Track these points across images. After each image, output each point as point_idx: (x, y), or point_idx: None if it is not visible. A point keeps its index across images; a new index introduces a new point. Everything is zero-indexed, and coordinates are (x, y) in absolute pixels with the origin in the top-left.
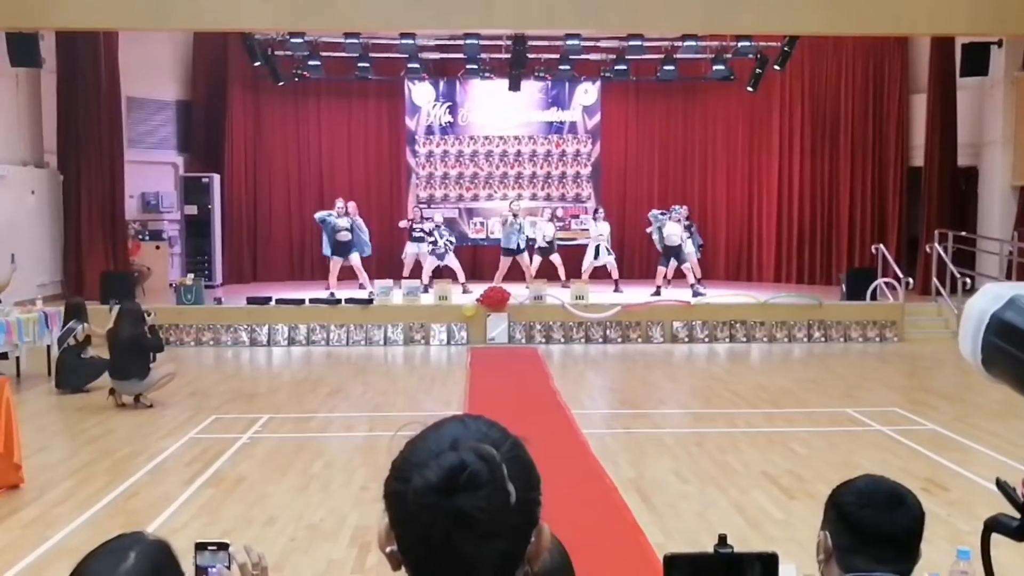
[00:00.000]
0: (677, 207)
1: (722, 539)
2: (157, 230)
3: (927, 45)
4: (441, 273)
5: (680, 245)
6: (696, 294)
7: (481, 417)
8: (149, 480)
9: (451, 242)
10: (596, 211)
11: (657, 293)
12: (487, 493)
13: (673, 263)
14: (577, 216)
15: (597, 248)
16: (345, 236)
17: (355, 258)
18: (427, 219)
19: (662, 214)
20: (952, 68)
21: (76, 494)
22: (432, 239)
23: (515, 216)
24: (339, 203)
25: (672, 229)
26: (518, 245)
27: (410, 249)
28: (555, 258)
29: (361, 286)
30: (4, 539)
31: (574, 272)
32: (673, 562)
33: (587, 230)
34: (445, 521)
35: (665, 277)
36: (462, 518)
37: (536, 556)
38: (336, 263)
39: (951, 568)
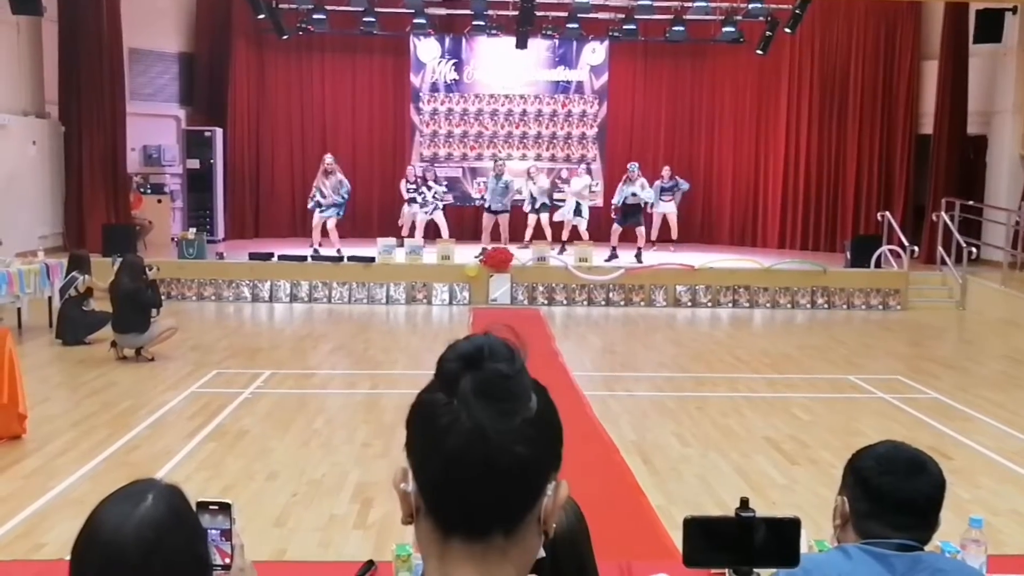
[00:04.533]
0: (634, 165)
1: (744, 503)
2: (159, 183)
3: (940, 10)
4: (427, 231)
5: (638, 204)
6: (638, 258)
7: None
8: (151, 433)
9: (439, 196)
10: (529, 170)
11: (638, 256)
12: (508, 367)
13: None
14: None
15: (578, 205)
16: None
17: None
18: (418, 177)
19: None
20: (965, 34)
21: (78, 446)
22: (421, 195)
23: (499, 176)
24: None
25: (632, 189)
26: (535, 204)
27: (406, 210)
28: (543, 218)
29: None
30: (6, 489)
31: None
32: (692, 525)
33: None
34: (468, 393)
35: (649, 239)
36: (485, 384)
37: (552, 512)
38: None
39: (963, 536)
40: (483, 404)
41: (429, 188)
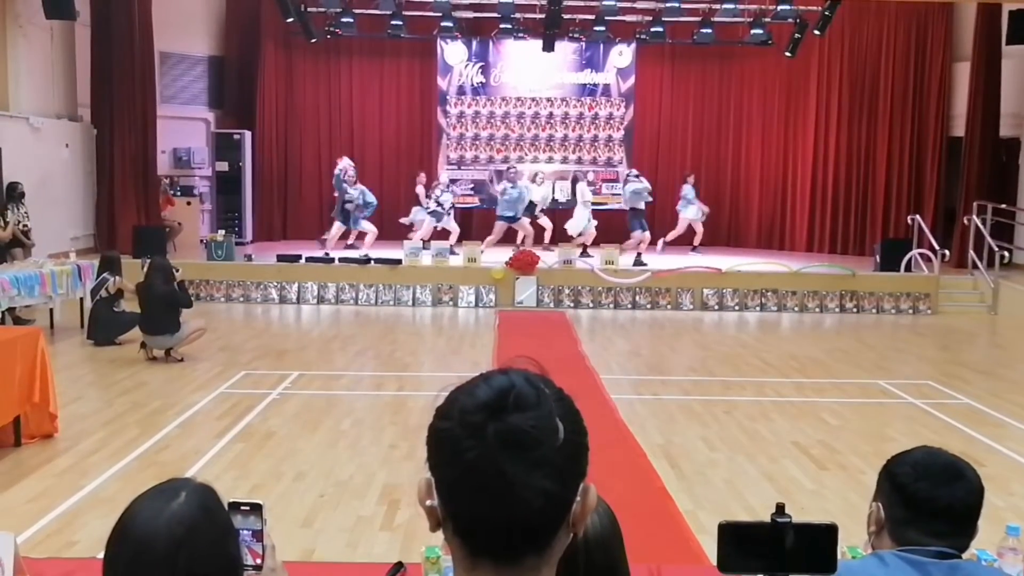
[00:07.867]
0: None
1: (780, 508)
2: (188, 186)
3: (972, 11)
4: (436, 233)
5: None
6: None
7: (524, 370)
8: (180, 433)
9: (449, 205)
10: (536, 175)
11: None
12: (536, 415)
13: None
14: (611, 181)
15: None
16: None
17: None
18: (428, 198)
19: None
20: (998, 36)
21: (108, 445)
22: (436, 214)
23: (512, 184)
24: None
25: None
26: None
27: (417, 211)
28: (544, 221)
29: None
30: (39, 487)
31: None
32: (727, 530)
33: (619, 194)
34: (493, 441)
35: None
36: (511, 436)
37: (581, 518)
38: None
39: (1000, 544)
40: (510, 456)
41: (439, 203)
